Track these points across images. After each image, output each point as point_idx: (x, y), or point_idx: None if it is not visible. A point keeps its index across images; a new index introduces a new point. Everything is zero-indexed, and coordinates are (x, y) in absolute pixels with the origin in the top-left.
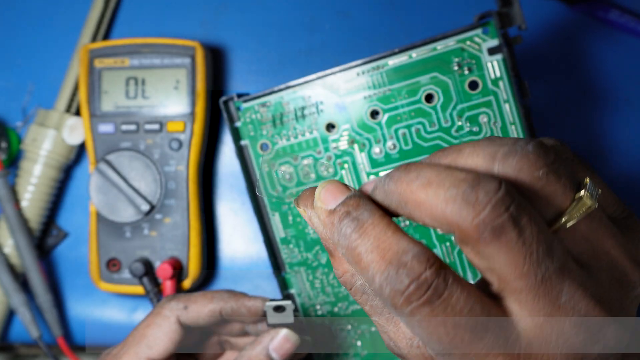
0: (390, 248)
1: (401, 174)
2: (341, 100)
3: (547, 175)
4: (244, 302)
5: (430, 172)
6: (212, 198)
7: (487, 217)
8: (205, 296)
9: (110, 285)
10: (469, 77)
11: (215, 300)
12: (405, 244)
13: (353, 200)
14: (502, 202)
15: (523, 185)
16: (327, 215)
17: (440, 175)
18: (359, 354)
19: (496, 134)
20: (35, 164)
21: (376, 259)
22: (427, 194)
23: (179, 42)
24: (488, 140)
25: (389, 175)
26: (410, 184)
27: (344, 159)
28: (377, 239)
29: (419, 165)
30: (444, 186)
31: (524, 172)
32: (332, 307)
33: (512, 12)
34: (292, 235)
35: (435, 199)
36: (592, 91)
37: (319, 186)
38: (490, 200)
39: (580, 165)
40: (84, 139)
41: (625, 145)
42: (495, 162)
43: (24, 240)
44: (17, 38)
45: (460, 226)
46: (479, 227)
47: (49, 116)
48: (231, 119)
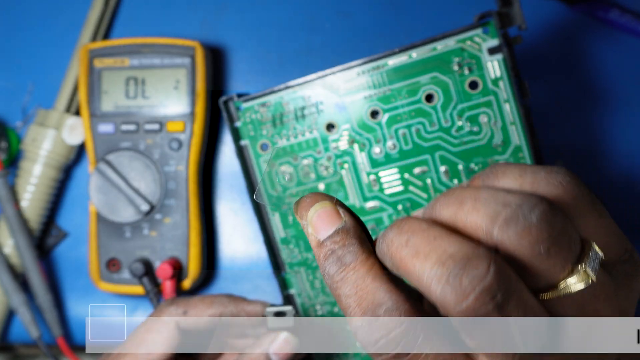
0: (366, 297)
1: (394, 236)
2: (341, 100)
3: (548, 250)
4: (244, 307)
5: (420, 240)
6: (212, 198)
7: (470, 305)
8: (204, 301)
9: (110, 285)
10: (469, 77)
11: (215, 305)
12: (381, 295)
13: (340, 237)
14: (488, 291)
15: (520, 258)
16: (316, 245)
17: (429, 246)
18: (359, 354)
19: (496, 134)
20: (35, 164)
21: (353, 305)
22: (415, 266)
23: (179, 42)
24: (492, 192)
25: (384, 234)
26: (400, 250)
27: (344, 159)
28: (355, 285)
29: (412, 225)
30: (431, 261)
31: (524, 246)
32: (332, 307)
33: (512, 12)
34: (292, 235)
35: (421, 272)
36: (592, 91)
37: (312, 208)
38: (475, 289)
39: (589, 213)
40: (84, 139)
41: (625, 145)
42: (495, 226)
43: (24, 240)
44: (17, 38)
45: (444, 307)
46: (462, 313)
47: (48, 116)
48: (231, 119)
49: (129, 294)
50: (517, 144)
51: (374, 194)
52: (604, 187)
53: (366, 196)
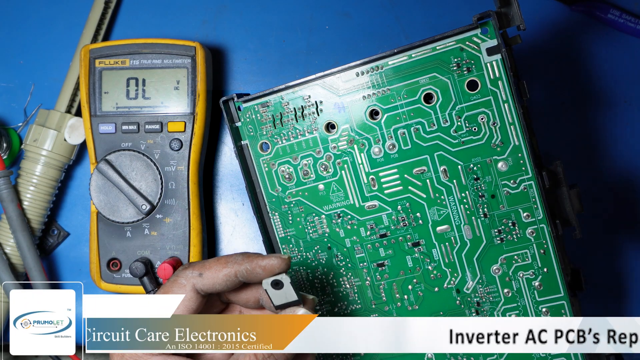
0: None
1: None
2: (340, 100)
3: None
4: (259, 262)
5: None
6: (212, 198)
7: None
8: (219, 261)
9: (111, 285)
10: (468, 77)
11: (230, 264)
12: None
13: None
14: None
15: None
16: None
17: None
18: (359, 354)
19: (495, 134)
20: (37, 164)
21: None
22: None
23: (180, 42)
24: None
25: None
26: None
27: (343, 159)
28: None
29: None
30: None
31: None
32: (332, 306)
33: (510, 12)
34: (292, 234)
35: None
36: (590, 91)
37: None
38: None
39: None
40: (84, 139)
41: (624, 145)
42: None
43: (25, 239)
44: (18, 39)
45: None
46: None
47: (50, 116)
48: (231, 119)
49: (129, 294)
50: (516, 143)
51: (373, 194)
52: (604, 187)
53: (365, 196)
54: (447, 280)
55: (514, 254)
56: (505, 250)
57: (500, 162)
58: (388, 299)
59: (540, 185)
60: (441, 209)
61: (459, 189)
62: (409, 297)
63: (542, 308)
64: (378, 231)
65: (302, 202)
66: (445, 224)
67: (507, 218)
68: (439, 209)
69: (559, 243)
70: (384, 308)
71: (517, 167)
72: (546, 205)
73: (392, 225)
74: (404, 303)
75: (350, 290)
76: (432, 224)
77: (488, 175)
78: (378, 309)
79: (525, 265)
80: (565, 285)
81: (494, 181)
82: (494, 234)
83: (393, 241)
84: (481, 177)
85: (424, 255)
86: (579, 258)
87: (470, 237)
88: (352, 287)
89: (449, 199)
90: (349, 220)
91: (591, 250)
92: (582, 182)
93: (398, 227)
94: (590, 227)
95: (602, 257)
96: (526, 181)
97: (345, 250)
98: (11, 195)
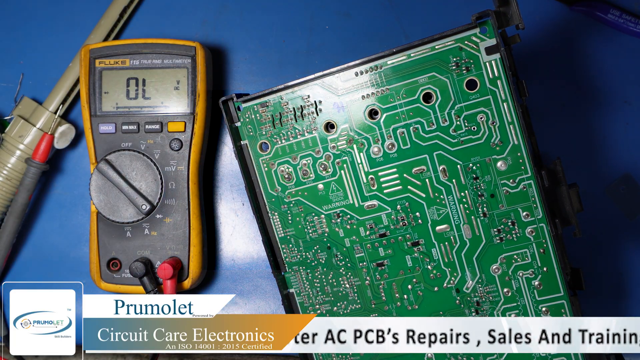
0: None
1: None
2: (340, 100)
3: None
4: None
5: None
6: (212, 198)
7: None
8: None
9: (111, 285)
10: (467, 76)
11: None
12: None
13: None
14: None
15: None
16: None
17: None
18: (359, 354)
19: (494, 134)
20: (12, 157)
21: None
22: None
23: (180, 42)
24: None
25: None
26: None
27: (342, 159)
28: None
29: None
30: None
31: None
32: (331, 306)
33: (509, 12)
34: (292, 234)
35: None
36: (590, 91)
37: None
38: None
39: None
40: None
41: (624, 145)
42: None
43: (13, 225)
44: (18, 39)
45: None
46: None
47: (36, 112)
48: (231, 119)
49: (129, 294)
50: (515, 143)
51: (373, 194)
52: (603, 186)
53: (365, 196)
54: (447, 280)
55: (514, 254)
56: (504, 249)
57: (499, 162)
58: (388, 298)
59: (539, 184)
60: (440, 209)
61: (459, 189)
62: (408, 296)
63: (542, 307)
64: (377, 231)
65: (301, 202)
66: (445, 223)
67: (506, 217)
68: (438, 209)
69: (558, 242)
70: (383, 308)
71: (517, 166)
72: (546, 204)
73: (391, 225)
74: (404, 303)
75: (350, 290)
76: (431, 224)
77: (487, 174)
78: (378, 309)
79: (525, 264)
80: (565, 285)
81: (494, 180)
82: (493, 233)
83: (392, 241)
84: (480, 176)
85: (424, 255)
86: (579, 258)
87: (470, 236)
88: (351, 286)
89: (449, 198)
90: (348, 220)
91: (591, 250)
92: (582, 181)
93: (397, 226)
94: (590, 227)
95: (602, 257)
96: (525, 180)
97: (344, 250)
98: (31, 186)
